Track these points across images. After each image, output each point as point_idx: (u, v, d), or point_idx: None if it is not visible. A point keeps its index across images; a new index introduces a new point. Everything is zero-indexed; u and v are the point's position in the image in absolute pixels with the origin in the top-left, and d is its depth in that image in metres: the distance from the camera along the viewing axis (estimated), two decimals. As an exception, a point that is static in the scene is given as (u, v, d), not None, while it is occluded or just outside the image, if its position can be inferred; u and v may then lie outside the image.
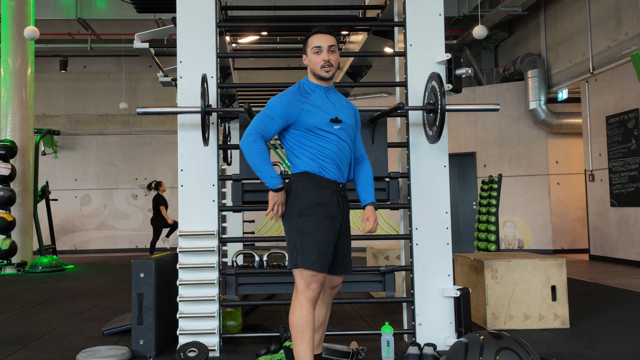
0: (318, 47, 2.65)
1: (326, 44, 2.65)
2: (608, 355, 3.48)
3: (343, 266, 2.73)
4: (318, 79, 2.70)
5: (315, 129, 2.62)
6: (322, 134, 2.62)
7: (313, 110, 2.63)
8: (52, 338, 4.21)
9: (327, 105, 2.66)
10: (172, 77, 6.34)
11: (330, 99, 2.70)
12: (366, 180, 2.80)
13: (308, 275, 2.56)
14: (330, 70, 2.67)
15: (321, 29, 2.71)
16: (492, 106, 3.75)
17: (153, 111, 3.80)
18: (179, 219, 3.70)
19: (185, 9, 3.81)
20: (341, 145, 2.66)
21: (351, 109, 2.77)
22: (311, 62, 2.68)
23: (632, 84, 8.31)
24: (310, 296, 2.56)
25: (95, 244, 13.51)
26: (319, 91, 2.70)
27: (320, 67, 2.65)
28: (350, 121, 2.71)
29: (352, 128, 2.72)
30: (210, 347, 3.56)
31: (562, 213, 10.82)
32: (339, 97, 2.77)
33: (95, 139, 13.73)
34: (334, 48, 2.68)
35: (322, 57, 2.65)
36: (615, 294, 5.83)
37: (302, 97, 2.66)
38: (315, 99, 2.66)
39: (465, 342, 2.71)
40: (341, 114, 2.67)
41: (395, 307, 4.69)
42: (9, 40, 9.51)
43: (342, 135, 2.66)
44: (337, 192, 2.66)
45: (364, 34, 5.45)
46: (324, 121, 2.62)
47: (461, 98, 10.65)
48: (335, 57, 2.68)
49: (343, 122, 2.66)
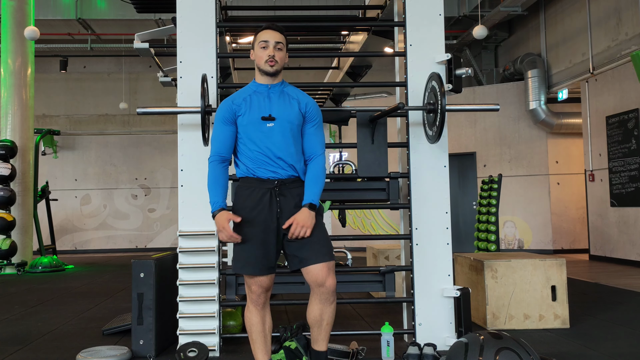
0: (265, 42, 2.63)
1: (273, 39, 2.63)
2: (608, 355, 3.48)
3: (310, 257, 2.55)
4: (263, 75, 2.67)
5: (246, 129, 2.61)
6: (254, 133, 2.60)
7: (246, 110, 2.63)
8: (52, 338, 4.21)
9: (264, 103, 2.63)
10: (172, 77, 6.33)
11: (271, 96, 2.65)
12: (309, 180, 2.63)
13: (245, 278, 2.64)
14: (275, 65, 2.62)
15: (271, 25, 2.69)
16: (492, 106, 3.75)
17: (153, 111, 3.80)
18: (179, 219, 3.70)
19: (185, 9, 3.81)
20: (275, 142, 2.58)
21: (295, 103, 2.66)
22: (257, 56, 2.65)
23: (632, 84, 8.31)
24: (251, 298, 2.64)
25: (95, 244, 13.51)
26: (260, 90, 2.67)
27: (264, 61, 2.62)
28: (290, 116, 2.62)
29: (292, 122, 2.62)
30: (210, 347, 3.56)
31: (562, 213, 10.82)
32: (285, 92, 2.69)
33: (95, 139, 13.72)
34: (281, 46, 2.65)
35: (267, 52, 2.62)
36: (615, 294, 5.83)
37: (239, 99, 2.66)
38: (252, 99, 2.65)
39: (465, 342, 2.71)
40: (277, 111, 2.61)
41: (395, 307, 4.69)
42: (9, 40, 9.51)
43: (276, 131, 2.59)
44: (272, 189, 2.59)
45: (364, 34, 5.44)
46: (255, 120, 2.60)
47: (461, 98, 10.65)
48: (280, 55, 2.64)
49: (277, 118, 2.60)
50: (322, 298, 2.58)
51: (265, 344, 2.66)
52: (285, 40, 2.70)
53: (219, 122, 2.67)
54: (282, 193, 2.60)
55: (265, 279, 2.63)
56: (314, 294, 2.61)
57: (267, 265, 2.61)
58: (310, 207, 2.58)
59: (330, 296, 2.58)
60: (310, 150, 2.69)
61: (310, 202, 2.58)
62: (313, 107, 2.71)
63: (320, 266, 2.55)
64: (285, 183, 2.61)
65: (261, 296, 2.64)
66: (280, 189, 2.60)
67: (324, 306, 2.59)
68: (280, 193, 2.60)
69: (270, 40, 2.63)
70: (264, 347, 2.65)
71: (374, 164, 3.78)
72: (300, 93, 2.73)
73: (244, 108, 2.64)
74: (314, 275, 2.55)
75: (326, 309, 2.60)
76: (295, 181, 2.64)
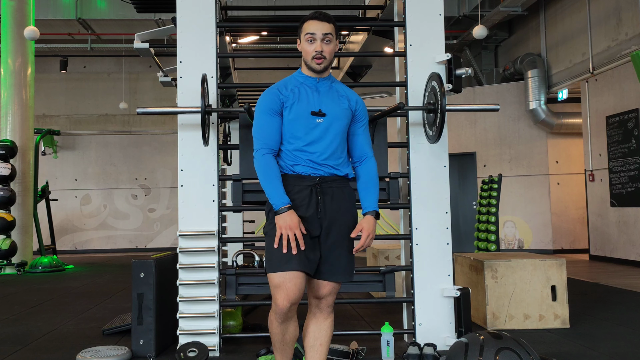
0: (312, 35, 2.39)
1: (320, 32, 2.38)
2: (608, 355, 3.47)
3: (329, 271, 2.36)
4: (309, 70, 2.45)
5: (293, 123, 2.40)
6: (300, 128, 2.39)
7: (295, 102, 2.41)
8: (52, 338, 4.21)
9: (313, 98, 2.42)
10: (172, 77, 6.33)
11: (320, 90, 2.45)
12: (366, 184, 2.48)
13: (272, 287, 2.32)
14: (323, 62, 2.40)
15: (317, 14, 2.44)
16: (492, 106, 3.75)
17: (153, 111, 3.80)
18: (179, 219, 3.70)
19: (185, 9, 3.81)
20: (323, 139, 2.39)
21: (345, 101, 2.48)
22: (304, 50, 2.43)
23: (632, 84, 8.31)
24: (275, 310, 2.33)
25: (95, 244, 13.51)
26: (307, 83, 2.46)
27: (311, 57, 2.40)
28: (340, 114, 2.43)
29: (341, 120, 2.43)
30: (210, 347, 3.56)
31: (562, 213, 10.82)
32: (335, 88, 2.50)
33: (95, 139, 13.73)
34: (330, 37, 2.40)
35: (314, 46, 2.39)
36: (615, 294, 5.83)
37: (285, 90, 2.44)
38: (300, 91, 2.43)
39: (465, 342, 2.71)
40: (327, 106, 2.41)
41: (395, 307, 4.69)
42: (9, 40, 9.51)
43: (325, 128, 2.40)
44: (312, 187, 2.37)
45: (364, 34, 5.45)
46: (304, 114, 2.39)
47: (461, 98, 10.65)
48: (329, 48, 2.41)
49: (328, 114, 2.40)
50: (316, 312, 2.44)
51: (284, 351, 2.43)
52: (334, 30, 2.44)
53: (264, 113, 2.42)
54: (323, 191, 2.39)
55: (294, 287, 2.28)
56: (310, 308, 2.47)
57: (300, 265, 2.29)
58: (375, 215, 2.42)
59: (325, 309, 2.44)
60: (360, 151, 2.52)
61: (375, 210, 2.43)
62: (362, 106, 2.54)
63: (330, 285, 2.40)
64: (327, 180, 2.41)
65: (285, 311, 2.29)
66: (322, 186, 2.40)
67: (319, 321, 2.44)
68: (322, 191, 2.39)
69: (318, 33, 2.38)
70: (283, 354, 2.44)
71: (374, 164, 3.77)
72: (350, 90, 2.55)
73: (292, 99, 2.41)
74: (318, 289, 2.41)
75: (321, 326, 2.44)
76: (338, 179, 2.44)
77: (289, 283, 2.27)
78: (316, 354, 2.44)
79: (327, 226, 2.38)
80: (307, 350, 2.46)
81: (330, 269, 2.37)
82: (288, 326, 2.37)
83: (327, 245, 2.37)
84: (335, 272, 2.39)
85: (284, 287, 2.27)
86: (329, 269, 2.37)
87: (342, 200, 2.43)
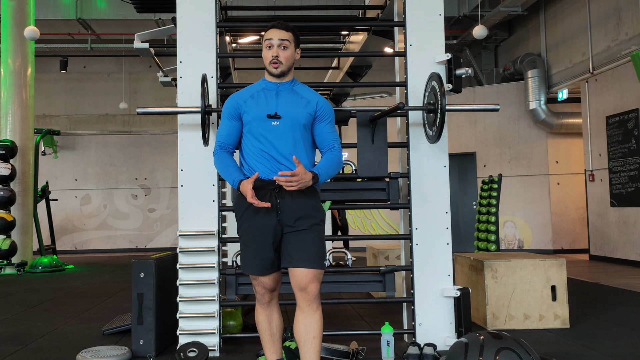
0: (270, 41, 2.57)
1: (277, 37, 2.56)
2: (608, 355, 3.48)
3: (300, 259, 2.50)
4: (270, 75, 2.63)
5: (250, 125, 2.57)
6: (258, 130, 2.55)
7: (252, 106, 2.59)
8: (52, 338, 4.21)
9: (270, 101, 2.58)
10: (172, 77, 6.33)
11: (279, 94, 2.60)
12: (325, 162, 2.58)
13: (251, 278, 2.67)
14: (279, 66, 2.57)
15: (277, 23, 2.60)
16: (492, 106, 3.75)
17: (153, 111, 3.80)
18: (179, 219, 3.70)
19: (185, 9, 3.81)
20: (280, 141, 2.53)
21: (305, 103, 2.60)
22: (263, 56, 2.61)
23: (632, 84, 8.31)
24: (257, 297, 2.69)
25: (95, 244, 13.51)
26: (269, 87, 2.63)
27: (269, 62, 2.58)
28: (297, 115, 2.56)
29: (299, 122, 2.56)
30: (210, 347, 3.56)
31: (562, 213, 10.82)
32: (295, 90, 2.63)
33: (95, 139, 13.72)
34: (287, 44, 2.57)
35: (271, 52, 2.56)
36: (615, 294, 5.83)
37: (246, 95, 2.64)
38: (259, 96, 2.61)
39: (465, 342, 2.71)
40: (284, 109, 2.55)
41: (395, 307, 4.69)
42: (9, 40, 9.51)
43: (281, 130, 2.53)
44: (271, 191, 2.52)
45: (364, 34, 5.45)
46: (259, 117, 2.56)
47: (461, 98, 10.65)
48: (286, 54, 2.57)
49: (283, 117, 2.54)
50: (303, 305, 2.50)
51: (272, 342, 2.67)
52: (292, 37, 2.60)
53: (224, 117, 2.66)
54: (282, 194, 2.53)
55: (267, 279, 2.63)
56: (297, 302, 2.54)
57: (266, 266, 2.59)
58: (314, 177, 2.49)
59: (312, 302, 2.49)
60: (324, 145, 2.65)
61: (316, 173, 2.50)
62: (324, 105, 2.66)
63: (307, 271, 2.49)
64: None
65: (265, 295, 2.65)
66: (281, 189, 2.51)
67: (307, 315, 2.49)
68: (280, 194, 2.53)
69: (274, 39, 2.57)
70: (271, 346, 2.67)
71: (374, 164, 3.78)
72: (311, 92, 2.67)
73: (250, 104, 2.60)
74: (298, 278, 2.51)
75: (310, 319, 2.48)
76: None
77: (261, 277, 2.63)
78: (311, 347, 2.47)
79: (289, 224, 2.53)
80: (301, 346, 2.48)
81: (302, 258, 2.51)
82: (272, 313, 2.67)
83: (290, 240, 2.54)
84: (309, 260, 2.51)
85: (259, 280, 2.63)
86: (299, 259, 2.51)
87: (302, 199, 2.54)
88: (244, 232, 2.62)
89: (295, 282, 2.52)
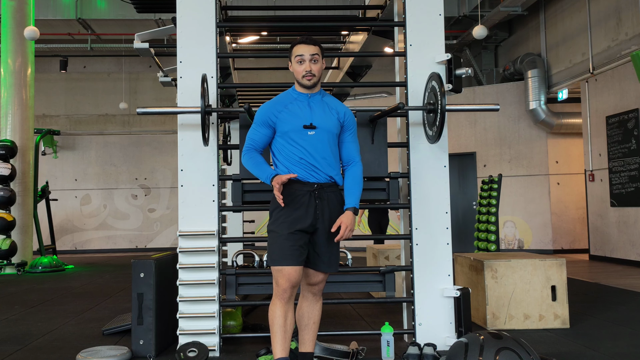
0: (301, 57, 2.77)
1: (308, 53, 2.76)
2: (608, 355, 3.48)
3: (323, 263, 2.79)
4: (301, 87, 2.83)
5: (288, 135, 2.76)
6: (295, 139, 2.75)
7: (288, 117, 2.77)
8: (52, 338, 4.21)
9: (305, 112, 2.79)
10: (172, 77, 6.33)
11: (311, 105, 2.81)
12: (350, 185, 2.83)
13: (274, 271, 2.71)
14: (312, 79, 2.78)
15: (305, 39, 2.81)
16: (492, 106, 3.75)
17: (153, 111, 3.80)
18: (179, 219, 3.70)
19: (185, 9, 3.81)
20: (316, 149, 2.75)
21: (335, 113, 2.83)
22: (295, 70, 2.80)
23: (632, 84, 8.31)
24: (277, 292, 2.71)
25: (95, 244, 13.51)
26: (301, 99, 2.82)
27: (302, 76, 2.78)
28: (329, 125, 2.79)
29: (331, 132, 2.80)
30: (210, 347, 3.56)
31: (562, 213, 10.83)
32: (325, 102, 2.86)
33: (95, 139, 13.73)
34: (317, 57, 2.78)
35: (304, 67, 2.77)
36: (615, 294, 5.83)
37: (280, 106, 2.81)
38: (293, 107, 2.80)
39: (465, 342, 2.71)
40: (318, 120, 2.78)
41: (395, 307, 4.69)
42: (9, 40, 9.51)
43: (316, 139, 2.76)
44: (311, 192, 2.74)
45: (364, 34, 5.44)
46: (296, 127, 2.76)
47: (461, 98, 10.65)
48: (317, 67, 2.78)
49: (318, 127, 2.76)
50: (309, 295, 2.85)
51: (284, 339, 2.71)
52: (320, 51, 2.81)
53: (257, 123, 2.84)
54: (320, 196, 2.75)
55: (295, 271, 2.68)
56: (302, 292, 2.86)
57: (301, 256, 2.71)
58: (354, 211, 2.77)
59: (317, 294, 2.86)
60: (348, 157, 2.88)
61: (354, 207, 2.77)
62: (350, 116, 2.90)
63: (323, 275, 2.83)
64: (324, 187, 2.77)
65: (287, 291, 2.69)
66: (319, 192, 2.75)
67: (311, 303, 2.85)
68: (319, 196, 2.75)
69: (306, 54, 2.77)
70: (282, 342, 2.70)
71: (374, 164, 3.78)
72: (339, 103, 2.91)
73: (285, 115, 2.78)
74: (314, 278, 2.82)
75: (313, 307, 2.85)
76: (331, 186, 2.80)
77: (289, 269, 2.68)
78: (310, 331, 2.86)
79: (322, 226, 2.75)
80: (302, 329, 2.85)
81: (325, 262, 2.80)
82: (289, 310, 2.73)
83: (321, 242, 2.77)
84: (331, 265, 2.82)
85: (285, 271, 2.67)
86: (322, 262, 2.79)
87: (335, 204, 2.80)
88: (282, 224, 2.72)
89: (310, 279, 2.82)
